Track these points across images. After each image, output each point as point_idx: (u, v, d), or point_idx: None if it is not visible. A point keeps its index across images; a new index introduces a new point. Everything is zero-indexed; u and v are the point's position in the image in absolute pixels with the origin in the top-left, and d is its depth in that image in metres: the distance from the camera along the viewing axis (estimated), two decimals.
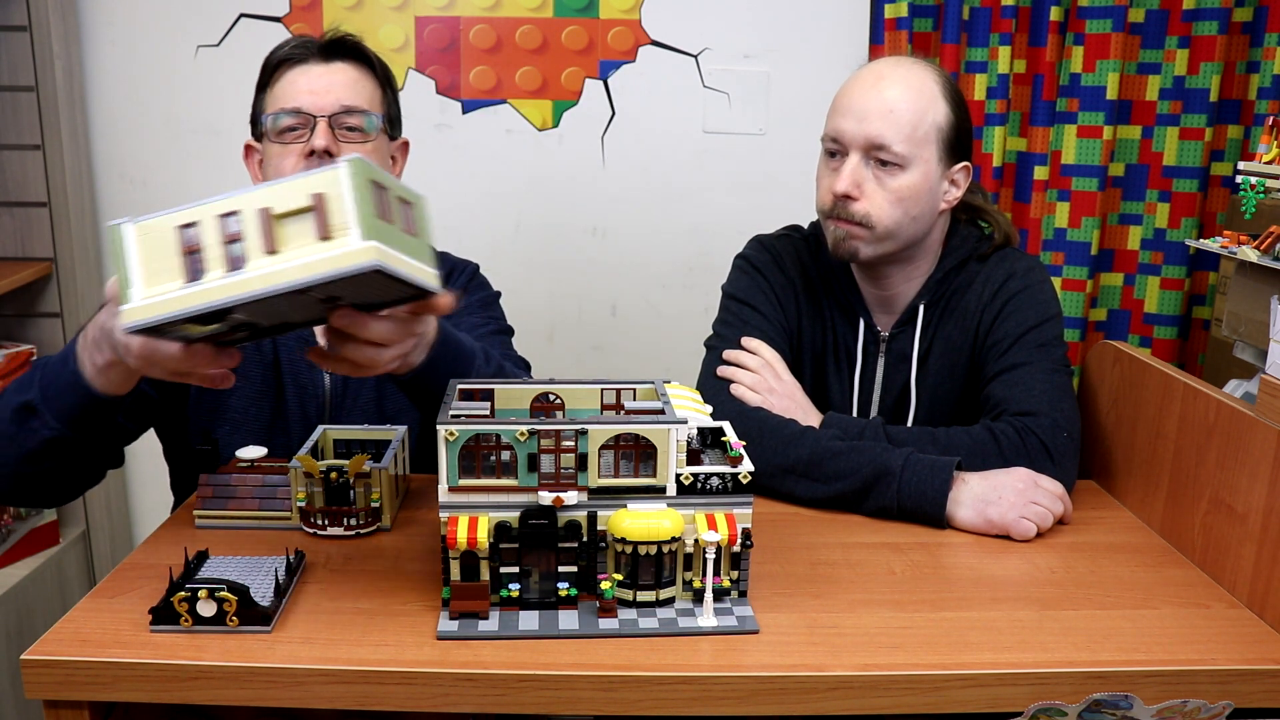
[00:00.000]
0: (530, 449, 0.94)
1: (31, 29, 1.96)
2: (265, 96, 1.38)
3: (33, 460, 1.13)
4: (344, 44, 1.38)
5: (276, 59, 1.37)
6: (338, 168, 0.80)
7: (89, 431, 1.12)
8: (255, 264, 0.80)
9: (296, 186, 0.81)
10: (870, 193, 1.37)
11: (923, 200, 1.38)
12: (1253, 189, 1.26)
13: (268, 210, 0.81)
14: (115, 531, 2.27)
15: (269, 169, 1.36)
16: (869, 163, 1.37)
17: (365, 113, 1.35)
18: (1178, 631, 0.99)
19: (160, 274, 0.82)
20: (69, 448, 1.13)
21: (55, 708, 0.91)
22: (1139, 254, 2.26)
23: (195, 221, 0.82)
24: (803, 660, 0.92)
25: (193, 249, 0.81)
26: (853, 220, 1.38)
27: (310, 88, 1.33)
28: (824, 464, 1.26)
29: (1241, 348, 1.35)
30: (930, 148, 1.37)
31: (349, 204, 0.79)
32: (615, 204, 2.29)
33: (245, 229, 0.81)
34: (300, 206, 0.80)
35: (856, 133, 1.36)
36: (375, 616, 0.98)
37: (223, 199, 0.82)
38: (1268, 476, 1.03)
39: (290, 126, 1.33)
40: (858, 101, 1.37)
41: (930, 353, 1.46)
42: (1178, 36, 2.13)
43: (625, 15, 2.19)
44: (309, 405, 1.40)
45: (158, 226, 0.82)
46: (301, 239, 0.80)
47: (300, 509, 1.16)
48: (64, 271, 2.07)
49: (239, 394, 1.38)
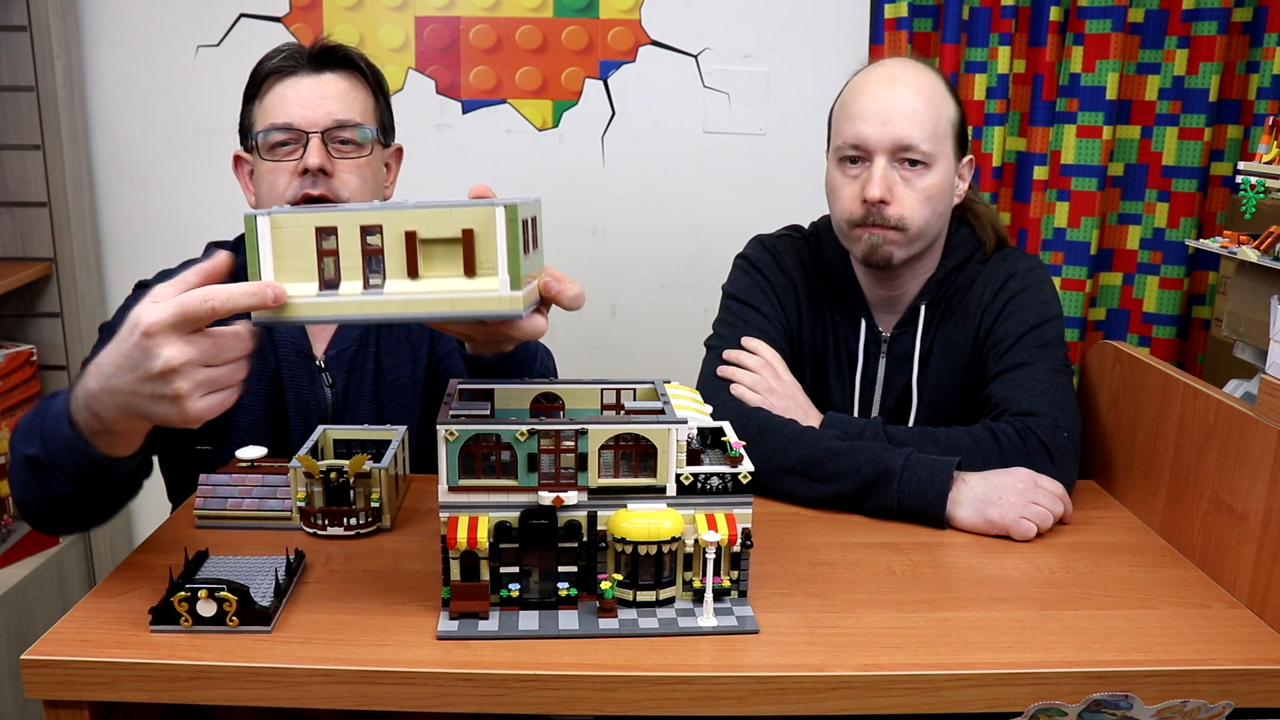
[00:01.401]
0: (530, 449, 0.94)
1: (31, 29, 1.96)
2: (254, 108, 1.35)
3: (56, 507, 1.09)
4: (334, 54, 1.35)
5: (265, 70, 1.34)
6: (495, 207, 0.82)
7: (102, 484, 1.07)
8: (394, 285, 0.83)
9: (448, 216, 0.82)
10: (901, 195, 1.37)
11: (946, 197, 1.40)
12: (1252, 189, 1.26)
13: (414, 234, 0.82)
14: (115, 531, 2.27)
15: (261, 185, 1.34)
16: (894, 165, 1.37)
17: (358, 126, 1.33)
18: (1178, 631, 0.99)
19: (293, 273, 0.82)
20: (87, 497, 1.08)
21: (55, 708, 0.91)
22: (1138, 254, 2.26)
23: (334, 227, 0.82)
24: (803, 660, 0.92)
25: (330, 252, 0.82)
26: (887, 225, 1.37)
27: (301, 101, 1.30)
28: (824, 464, 1.26)
29: (1241, 348, 1.35)
30: (949, 143, 1.39)
31: (501, 248, 0.82)
32: (615, 204, 2.29)
33: (387, 246, 0.82)
34: (448, 237, 0.82)
35: (882, 136, 1.35)
36: (375, 616, 0.98)
37: (368, 209, 0.83)
38: (1268, 476, 1.03)
39: (281, 142, 1.30)
40: (877, 105, 1.36)
41: (931, 353, 1.46)
42: (1177, 36, 2.14)
43: (625, 15, 2.19)
44: (311, 419, 1.39)
45: (293, 223, 0.83)
46: (445, 269, 0.83)
47: (300, 509, 1.16)
48: (64, 271, 2.07)
49: (244, 411, 1.36)
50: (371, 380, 1.41)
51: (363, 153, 1.34)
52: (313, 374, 1.39)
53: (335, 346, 1.41)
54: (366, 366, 1.41)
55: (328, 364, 1.40)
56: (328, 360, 1.40)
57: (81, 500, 1.07)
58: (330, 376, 1.40)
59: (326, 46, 1.35)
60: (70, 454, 1.01)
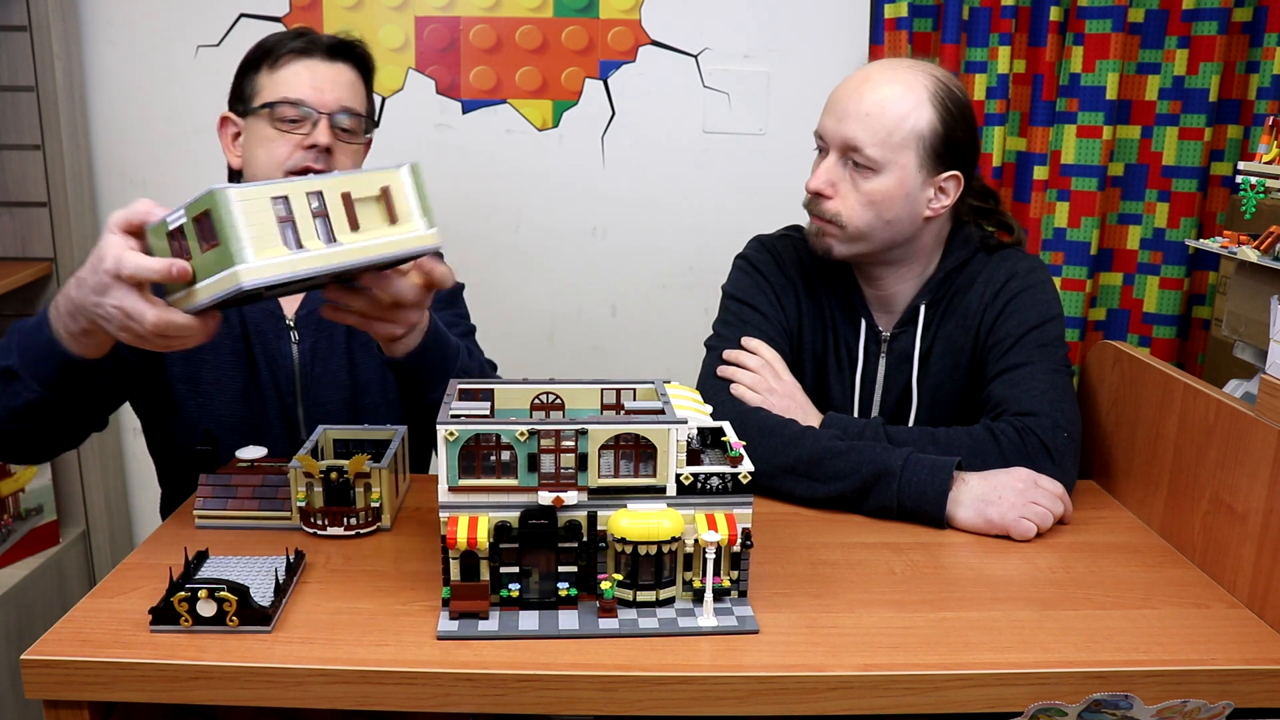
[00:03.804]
0: (530, 449, 0.94)
1: (31, 29, 1.96)
2: (261, 78, 1.41)
3: (17, 419, 1.17)
4: (350, 48, 1.44)
5: (285, 47, 1.41)
6: (400, 169, 1.01)
7: (70, 393, 1.16)
8: (346, 239, 0.96)
9: (368, 179, 0.99)
10: (844, 193, 1.38)
11: (897, 205, 1.37)
12: (1253, 189, 1.26)
13: (348, 194, 0.97)
14: (115, 531, 2.27)
15: (258, 150, 1.39)
16: (845, 163, 1.37)
17: (360, 116, 1.43)
18: (1178, 631, 0.99)
19: (264, 240, 0.91)
20: (52, 408, 1.17)
21: (55, 708, 0.91)
22: (1138, 254, 2.26)
23: (286, 195, 0.93)
24: (803, 660, 0.92)
25: (286, 219, 0.93)
26: (824, 218, 1.39)
27: (315, 83, 1.39)
28: (824, 464, 1.26)
29: (1241, 348, 1.35)
30: (908, 154, 1.35)
31: (411, 198, 1.01)
32: (615, 204, 2.28)
33: (330, 208, 0.95)
34: (372, 195, 0.98)
35: (835, 132, 1.37)
36: (375, 616, 0.98)
37: (306, 180, 0.96)
38: (1268, 476, 1.03)
39: (292, 117, 1.37)
40: (840, 102, 1.38)
41: (931, 352, 1.46)
42: (1177, 36, 2.13)
43: (625, 15, 2.19)
44: (279, 375, 1.44)
45: (255, 195, 0.91)
46: (375, 220, 0.98)
47: (300, 509, 1.16)
48: (64, 271, 2.07)
49: (210, 365, 1.42)
50: (344, 339, 1.46)
51: (357, 140, 1.43)
52: (280, 332, 1.44)
53: (305, 306, 1.46)
54: (337, 325, 1.43)
55: (297, 323, 1.45)
56: (298, 319, 1.45)
57: (43, 412, 1.16)
58: (298, 333, 1.45)
59: (345, 40, 1.44)
60: (44, 359, 1.12)
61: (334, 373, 1.45)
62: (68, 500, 2.17)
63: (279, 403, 1.43)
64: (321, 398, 1.44)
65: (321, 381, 1.44)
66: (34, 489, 2.05)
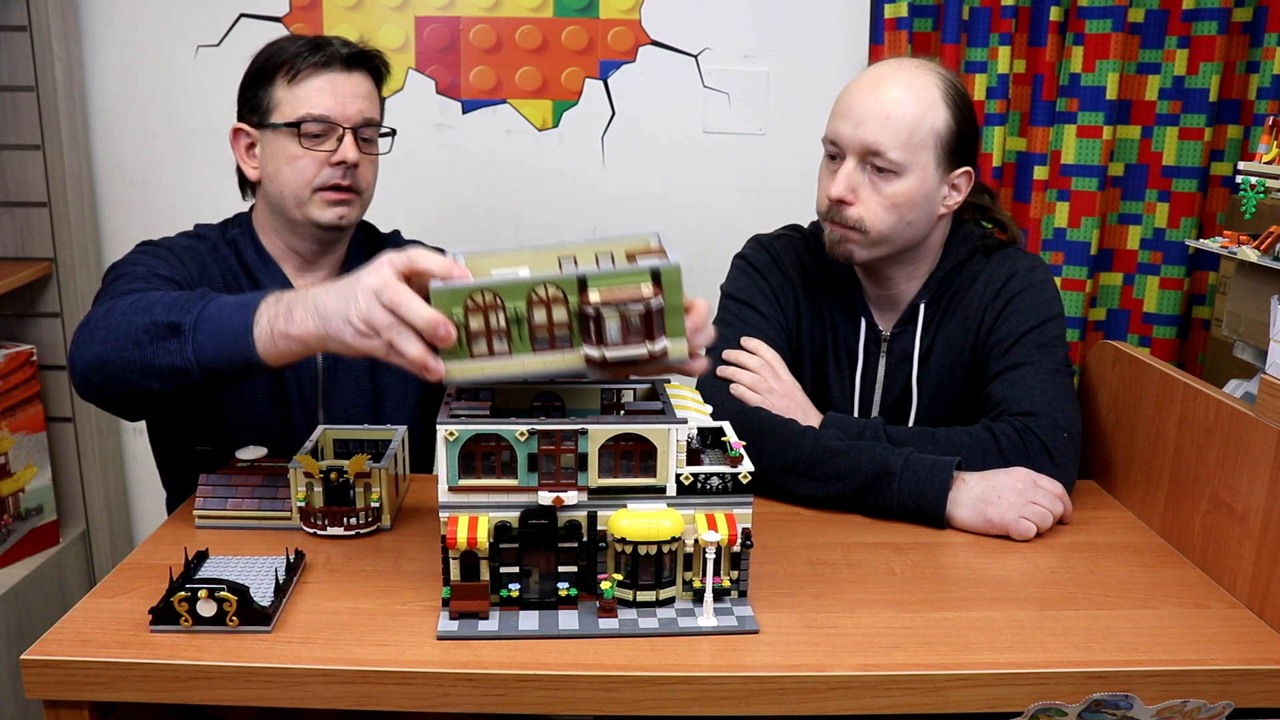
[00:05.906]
0: (530, 449, 0.94)
1: (31, 29, 1.96)
2: (279, 91, 1.38)
3: (145, 374, 1.09)
4: (367, 57, 1.42)
5: (305, 61, 1.37)
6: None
7: (216, 380, 1.09)
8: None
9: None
10: (865, 198, 1.37)
11: (919, 206, 1.38)
12: (1253, 189, 1.26)
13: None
14: (115, 531, 2.26)
15: (283, 168, 1.38)
16: (865, 168, 1.36)
17: (379, 126, 1.43)
18: (1178, 631, 0.99)
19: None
20: (183, 383, 1.09)
21: (55, 708, 0.91)
22: (1138, 254, 2.26)
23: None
24: (803, 660, 0.92)
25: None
26: (847, 225, 1.38)
27: (337, 97, 1.38)
28: (824, 464, 1.26)
29: (1241, 348, 1.35)
30: (927, 154, 1.36)
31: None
32: (615, 204, 2.28)
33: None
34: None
35: (853, 138, 1.36)
36: (375, 616, 0.98)
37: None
38: (1268, 476, 1.03)
39: (316, 133, 1.37)
40: (856, 106, 1.36)
41: (931, 352, 1.46)
42: (1177, 36, 2.13)
43: (625, 15, 2.19)
44: (303, 378, 1.43)
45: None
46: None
47: (300, 509, 1.16)
48: (64, 271, 2.07)
49: None
50: None
51: (376, 150, 1.44)
52: None
53: None
54: None
55: None
56: None
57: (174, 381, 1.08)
58: None
59: (362, 50, 1.42)
60: (224, 337, 1.05)
61: (356, 376, 1.45)
62: (68, 500, 2.16)
63: (302, 405, 1.42)
64: (343, 401, 1.44)
65: (343, 385, 1.44)
66: (34, 489, 2.05)
